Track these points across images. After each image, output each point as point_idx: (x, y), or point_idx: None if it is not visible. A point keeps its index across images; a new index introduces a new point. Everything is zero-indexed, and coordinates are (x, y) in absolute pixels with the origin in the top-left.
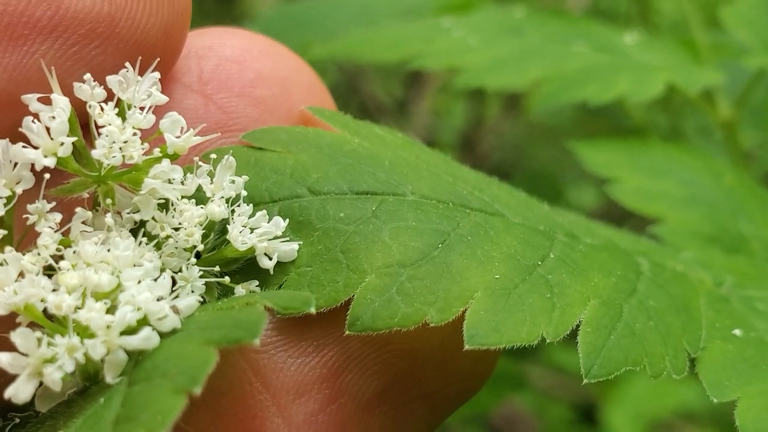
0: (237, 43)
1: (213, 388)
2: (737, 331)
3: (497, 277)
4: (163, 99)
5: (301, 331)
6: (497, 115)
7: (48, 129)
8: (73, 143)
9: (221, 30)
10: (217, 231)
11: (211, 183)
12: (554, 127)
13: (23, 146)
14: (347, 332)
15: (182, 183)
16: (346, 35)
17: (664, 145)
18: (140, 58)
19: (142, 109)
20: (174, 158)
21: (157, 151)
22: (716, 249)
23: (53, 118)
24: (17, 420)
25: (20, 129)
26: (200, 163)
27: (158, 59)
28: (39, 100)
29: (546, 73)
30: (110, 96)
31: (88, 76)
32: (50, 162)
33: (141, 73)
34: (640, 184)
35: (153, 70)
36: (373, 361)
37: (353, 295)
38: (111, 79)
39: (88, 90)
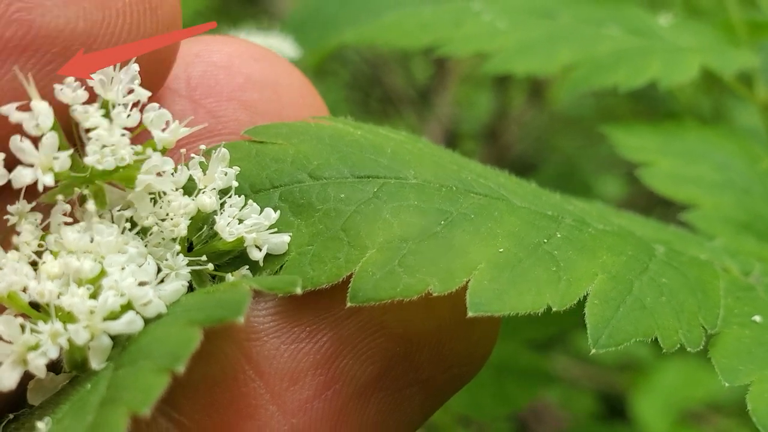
0: (225, 49)
1: (206, 378)
2: (757, 318)
3: (501, 251)
4: (146, 93)
5: (294, 317)
6: (520, 106)
7: (38, 144)
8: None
9: (210, 37)
10: (210, 224)
11: (203, 175)
12: (577, 117)
13: (21, 168)
14: (349, 304)
15: (173, 174)
16: (375, 20)
17: (699, 129)
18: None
19: (125, 106)
20: (163, 152)
21: (149, 151)
22: (749, 236)
23: (37, 125)
24: (11, 416)
25: (11, 149)
26: (192, 155)
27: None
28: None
29: (576, 57)
30: (91, 96)
31: (70, 79)
32: (49, 180)
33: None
34: (673, 168)
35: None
36: (367, 346)
37: (355, 270)
38: (94, 78)
39: (69, 92)
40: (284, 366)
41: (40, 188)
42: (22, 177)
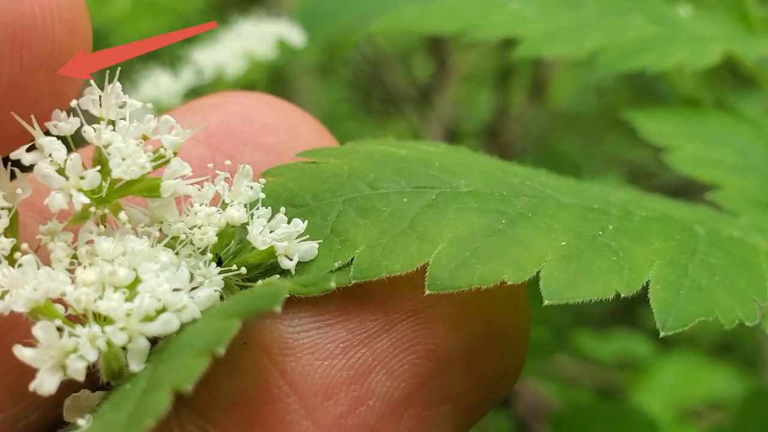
0: (242, 100)
1: (240, 393)
2: None
3: (563, 244)
4: (138, 104)
5: (328, 333)
6: (521, 105)
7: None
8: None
9: (227, 92)
10: (237, 239)
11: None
12: (578, 115)
13: (54, 192)
14: (427, 292)
15: (199, 191)
16: (400, 10)
17: (717, 114)
18: None
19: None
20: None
21: (167, 152)
22: None
23: (51, 160)
24: None
25: (37, 178)
26: (218, 171)
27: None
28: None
29: (604, 43)
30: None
31: (56, 111)
32: (84, 198)
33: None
34: (696, 152)
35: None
36: (399, 363)
37: (427, 262)
38: (83, 101)
39: (65, 125)
40: (318, 381)
41: (77, 206)
42: (56, 201)
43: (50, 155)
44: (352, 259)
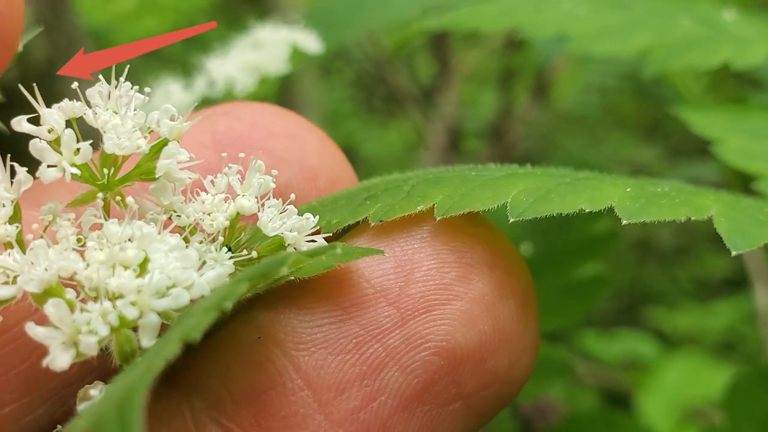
0: (248, 109)
1: (255, 386)
2: None
3: (629, 190)
4: (141, 97)
5: (341, 328)
6: (525, 105)
7: (57, 142)
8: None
9: (235, 102)
10: (247, 231)
11: (241, 183)
12: (581, 116)
13: (48, 165)
14: (511, 220)
15: (212, 183)
16: (456, 10)
17: (760, 111)
18: None
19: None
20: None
21: (163, 132)
22: None
23: (51, 129)
24: (59, 427)
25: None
26: (230, 164)
27: None
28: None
29: (651, 42)
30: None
31: (65, 101)
32: (75, 170)
33: None
34: (742, 144)
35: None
36: (412, 359)
37: (508, 200)
38: (90, 92)
39: (69, 106)
40: (331, 376)
41: (68, 178)
42: (49, 173)
43: (49, 126)
44: (434, 204)
